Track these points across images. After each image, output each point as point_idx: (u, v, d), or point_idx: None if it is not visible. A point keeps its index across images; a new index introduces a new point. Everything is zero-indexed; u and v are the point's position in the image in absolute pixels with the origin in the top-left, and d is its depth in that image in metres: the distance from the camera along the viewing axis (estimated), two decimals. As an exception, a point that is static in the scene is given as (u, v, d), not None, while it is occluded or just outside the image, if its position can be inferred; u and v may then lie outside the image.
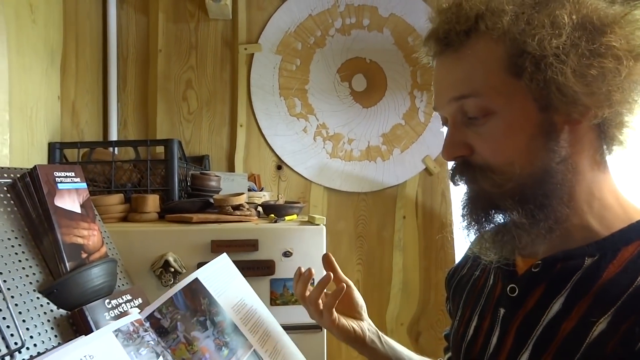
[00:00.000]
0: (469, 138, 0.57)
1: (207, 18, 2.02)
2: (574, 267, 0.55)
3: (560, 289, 0.55)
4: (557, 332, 0.53)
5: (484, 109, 0.55)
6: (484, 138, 0.56)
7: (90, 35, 1.79)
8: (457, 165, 0.60)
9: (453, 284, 0.78)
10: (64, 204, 0.89)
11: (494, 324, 0.61)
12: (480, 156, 0.57)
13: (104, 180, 1.37)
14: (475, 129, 0.57)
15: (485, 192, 0.57)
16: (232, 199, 1.25)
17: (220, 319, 0.75)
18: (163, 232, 1.14)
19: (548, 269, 0.57)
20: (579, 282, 0.54)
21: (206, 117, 2.03)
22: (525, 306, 0.58)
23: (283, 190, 2.05)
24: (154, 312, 0.71)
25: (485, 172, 0.56)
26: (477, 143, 0.57)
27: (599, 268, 0.53)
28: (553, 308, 0.55)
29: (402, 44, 2.10)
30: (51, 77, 1.42)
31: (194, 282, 0.77)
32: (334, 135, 2.07)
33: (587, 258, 0.55)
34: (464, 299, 0.71)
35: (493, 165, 0.56)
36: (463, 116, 0.57)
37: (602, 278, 0.52)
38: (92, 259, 0.91)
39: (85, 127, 1.73)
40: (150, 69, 2.00)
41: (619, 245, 0.54)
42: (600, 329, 0.49)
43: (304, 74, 2.06)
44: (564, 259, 0.56)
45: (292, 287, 1.14)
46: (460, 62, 0.57)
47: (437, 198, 2.14)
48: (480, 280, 0.70)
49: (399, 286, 2.10)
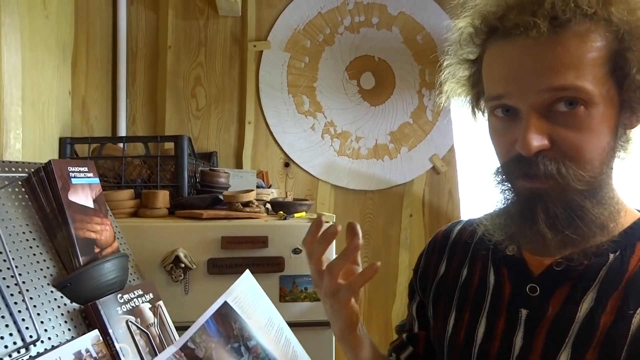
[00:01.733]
0: (550, 130, 0.53)
1: (216, 15, 2.02)
2: (599, 264, 0.56)
3: (589, 285, 0.56)
4: (597, 328, 0.53)
5: (579, 102, 0.52)
6: (570, 131, 0.53)
7: (100, 31, 1.79)
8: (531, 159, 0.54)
9: (431, 286, 0.73)
10: (77, 198, 0.90)
11: (515, 326, 0.59)
12: (560, 150, 0.53)
13: (114, 176, 1.38)
14: (561, 121, 0.53)
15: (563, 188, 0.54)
16: (241, 196, 1.25)
17: (253, 344, 0.74)
18: (173, 228, 1.14)
19: (573, 267, 0.57)
20: (607, 277, 0.55)
21: (214, 114, 2.03)
22: (552, 305, 0.57)
23: (290, 187, 2.06)
24: (187, 343, 0.68)
25: (569, 167, 0.53)
26: (561, 136, 0.53)
27: (622, 263, 0.55)
28: (584, 304, 0.55)
29: (410, 43, 2.09)
30: (62, 73, 1.43)
31: (224, 307, 0.75)
32: (341, 133, 2.08)
33: (610, 254, 0.56)
34: (457, 301, 0.68)
35: (575, 159, 0.53)
36: (550, 106, 0.53)
37: (628, 272, 0.55)
38: (104, 253, 0.91)
39: (95, 123, 1.73)
40: (160, 65, 2.00)
41: (634, 241, 0.57)
42: (639, 320, 0.52)
43: (313, 72, 2.06)
44: (589, 256, 0.56)
45: (301, 284, 1.15)
46: (564, 47, 0.51)
47: (444, 197, 2.14)
48: (473, 280, 0.67)
49: (404, 284, 2.10)
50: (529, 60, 0.53)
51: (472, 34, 0.61)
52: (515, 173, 0.56)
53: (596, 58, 0.52)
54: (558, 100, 0.52)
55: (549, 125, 0.53)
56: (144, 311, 0.91)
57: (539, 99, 0.53)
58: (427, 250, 0.79)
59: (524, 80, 0.53)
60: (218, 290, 1.13)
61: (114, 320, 0.83)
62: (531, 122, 0.53)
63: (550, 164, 0.53)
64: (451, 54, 0.66)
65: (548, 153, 0.53)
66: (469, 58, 0.64)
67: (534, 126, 0.53)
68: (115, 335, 0.81)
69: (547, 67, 0.52)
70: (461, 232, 0.75)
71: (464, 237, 0.74)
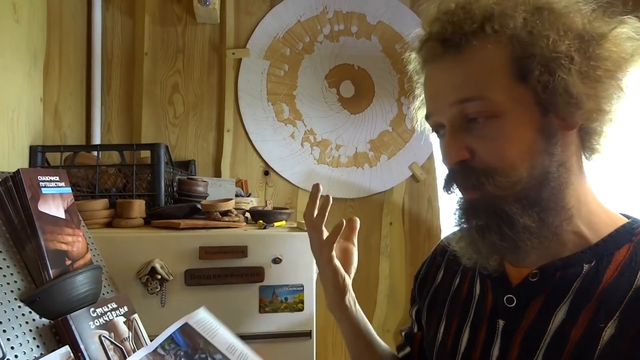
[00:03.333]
0: (469, 142, 0.56)
1: (194, 22, 2.00)
2: (574, 275, 0.55)
3: (563, 296, 0.55)
4: (567, 340, 0.53)
5: (488, 112, 0.54)
6: (487, 141, 0.55)
7: (74, 36, 1.75)
8: (458, 171, 0.58)
9: (427, 293, 0.76)
10: (48, 209, 0.87)
11: (493, 336, 0.60)
12: (481, 160, 0.56)
13: (87, 185, 1.33)
14: (478, 132, 0.55)
15: (490, 196, 0.55)
16: (220, 205, 1.23)
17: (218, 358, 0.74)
18: (149, 238, 1.11)
19: (547, 278, 0.57)
20: (580, 288, 0.54)
21: (192, 122, 2.00)
22: (527, 317, 0.57)
23: (270, 196, 2.04)
24: (157, 349, 0.71)
25: (490, 176, 0.55)
26: (479, 146, 0.56)
27: (597, 274, 0.54)
28: (557, 316, 0.54)
29: (389, 52, 2.11)
30: (34, 79, 1.38)
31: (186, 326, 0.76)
32: (321, 141, 2.07)
33: (585, 265, 0.55)
34: (447, 310, 0.69)
35: (496, 168, 0.55)
36: (462, 120, 0.56)
37: (602, 283, 0.53)
38: (76, 265, 0.88)
39: (68, 131, 1.69)
40: (136, 72, 1.97)
41: (612, 250, 0.55)
42: (609, 334, 0.50)
43: (292, 80, 2.05)
44: (562, 266, 0.56)
45: (281, 294, 1.13)
46: (464, 64, 0.56)
47: (424, 205, 2.15)
48: (462, 290, 0.68)
49: (385, 292, 2.10)
50: (441, 79, 0.58)
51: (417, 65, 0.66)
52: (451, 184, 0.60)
53: (496, 68, 0.54)
54: (470, 114, 0.55)
55: (467, 137, 0.56)
56: (118, 325, 0.88)
57: (451, 114, 0.57)
58: (429, 258, 0.81)
59: (439, 97, 0.59)
60: (196, 302, 1.11)
61: (86, 335, 0.79)
62: (449, 136, 0.57)
63: (472, 174, 0.56)
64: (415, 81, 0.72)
65: (470, 163, 0.56)
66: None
67: (451, 140, 0.57)
68: (88, 351, 0.77)
69: (451, 83, 0.57)
70: None
71: None
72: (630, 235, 0.57)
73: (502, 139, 0.54)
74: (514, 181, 0.54)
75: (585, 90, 0.52)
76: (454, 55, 0.56)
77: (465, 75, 0.56)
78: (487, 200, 0.56)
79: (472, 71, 0.55)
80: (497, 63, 0.54)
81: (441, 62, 0.58)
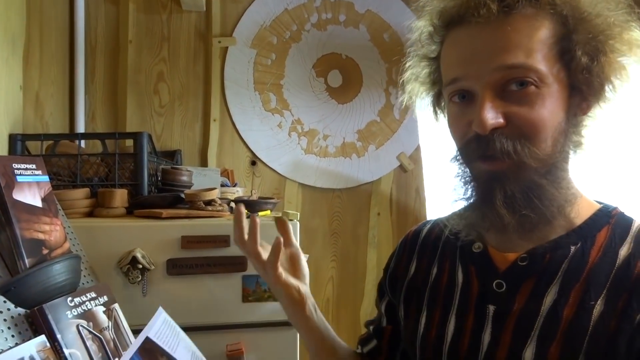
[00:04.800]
0: (505, 108, 0.55)
1: (179, 9, 1.97)
2: (562, 256, 0.57)
3: (552, 278, 0.56)
4: (560, 320, 0.54)
5: (532, 81, 0.54)
6: (524, 108, 0.54)
7: (56, 23, 1.71)
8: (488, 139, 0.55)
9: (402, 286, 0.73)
10: (23, 197, 0.85)
11: (483, 322, 0.60)
12: (516, 127, 0.55)
13: (68, 174, 1.31)
14: (516, 100, 0.54)
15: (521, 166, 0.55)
16: (203, 194, 1.21)
17: None
18: (130, 228, 1.10)
19: (536, 261, 0.58)
20: (569, 270, 0.56)
21: (178, 111, 1.98)
22: (518, 300, 0.58)
23: (257, 186, 2.03)
24: None
25: (525, 144, 0.54)
26: (516, 113, 0.54)
27: (583, 254, 0.56)
28: (548, 297, 0.56)
29: (378, 41, 2.09)
30: (12, 66, 1.35)
31: (147, 342, 0.73)
32: (309, 131, 2.06)
33: (572, 246, 0.57)
34: (427, 300, 0.68)
35: (530, 137, 0.54)
36: (502, 86, 0.55)
37: (589, 263, 0.56)
38: (53, 255, 0.87)
39: (50, 119, 1.66)
40: (120, 61, 1.93)
41: (594, 232, 0.58)
42: (599, 310, 0.53)
43: (280, 69, 2.03)
44: (551, 249, 0.57)
45: (264, 284, 1.12)
46: (514, 29, 0.54)
47: (412, 195, 2.15)
48: (442, 278, 0.67)
49: (372, 283, 2.10)
50: (481, 42, 0.56)
51: (432, 32, 0.63)
52: (472, 155, 0.58)
53: (544, 39, 0.54)
54: (511, 80, 0.54)
55: (503, 104, 0.55)
56: (97, 315, 0.87)
57: (492, 79, 0.55)
58: (397, 251, 0.79)
59: (477, 61, 0.56)
60: (177, 291, 1.10)
61: (63, 324, 0.78)
62: (486, 101, 0.55)
63: (507, 141, 0.54)
64: (412, 54, 0.69)
65: (504, 131, 0.55)
66: (430, 56, 0.66)
67: (489, 104, 0.54)
68: (64, 340, 0.76)
69: (498, 47, 0.54)
70: (430, 231, 0.76)
71: (432, 236, 0.74)
72: (608, 217, 0.59)
73: (539, 109, 0.54)
74: (544, 153, 0.55)
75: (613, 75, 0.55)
76: (502, 17, 0.54)
77: (516, 40, 0.54)
78: (516, 171, 0.55)
79: (523, 38, 0.54)
80: (548, 34, 0.54)
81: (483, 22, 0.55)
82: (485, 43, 0.55)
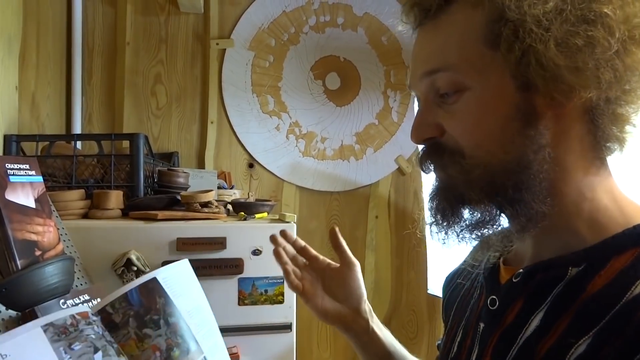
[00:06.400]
0: (440, 118, 0.50)
1: (177, 11, 1.96)
2: (556, 278, 0.47)
3: (540, 303, 0.47)
4: (533, 354, 0.46)
5: (456, 84, 0.48)
6: (455, 117, 0.49)
7: (53, 25, 1.71)
8: (427, 149, 0.53)
9: (448, 292, 0.70)
10: (16, 197, 0.84)
11: (474, 341, 0.55)
12: (451, 138, 0.50)
13: (64, 176, 1.30)
14: (447, 107, 0.50)
15: (452, 179, 0.50)
16: (200, 196, 1.20)
17: (174, 321, 0.73)
18: (125, 229, 1.09)
19: (528, 280, 0.50)
20: (560, 295, 0.46)
21: (176, 113, 1.97)
22: (504, 321, 0.50)
23: (255, 189, 2.02)
24: (105, 307, 0.69)
25: (455, 156, 0.49)
26: (448, 123, 0.50)
27: (583, 280, 0.45)
28: (532, 324, 0.47)
29: (376, 44, 2.09)
30: (8, 66, 1.34)
31: (152, 281, 0.74)
32: (307, 134, 2.05)
33: (571, 268, 0.46)
34: (454, 311, 0.65)
35: (463, 147, 0.49)
36: (435, 94, 0.51)
37: (586, 292, 0.44)
38: (46, 256, 0.85)
39: (47, 121, 1.65)
40: (118, 62, 1.93)
41: (609, 254, 0.45)
42: (577, 353, 0.42)
43: (277, 71, 2.03)
44: (544, 268, 0.49)
45: (261, 287, 1.11)
46: (436, 32, 0.50)
47: (410, 198, 2.14)
48: (469, 291, 0.63)
49: (370, 286, 2.09)
50: (416, 50, 0.53)
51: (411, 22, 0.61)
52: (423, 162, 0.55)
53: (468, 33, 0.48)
54: (439, 88, 0.50)
55: (440, 112, 0.51)
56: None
57: (422, 87, 0.52)
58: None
59: (413, 69, 0.54)
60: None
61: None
62: (420, 111, 0.53)
63: (441, 152, 0.51)
64: None
65: (440, 141, 0.51)
66: None
67: (422, 114, 0.52)
68: (56, 343, 0.75)
69: (423, 54, 0.52)
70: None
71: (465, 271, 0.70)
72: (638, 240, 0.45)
73: (470, 115, 0.48)
74: (476, 163, 0.48)
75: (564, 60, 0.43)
76: (430, 23, 0.51)
77: (436, 43, 0.50)
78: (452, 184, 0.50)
79: (443, 39, 0.49)
80: (468, 29, 0.48)
81: (420, 31, 0.53)
82: (417, 50, 0.53)
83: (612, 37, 0.43)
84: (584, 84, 0.44)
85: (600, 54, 0.43)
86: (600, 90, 0.44)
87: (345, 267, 0.79)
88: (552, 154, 0.47)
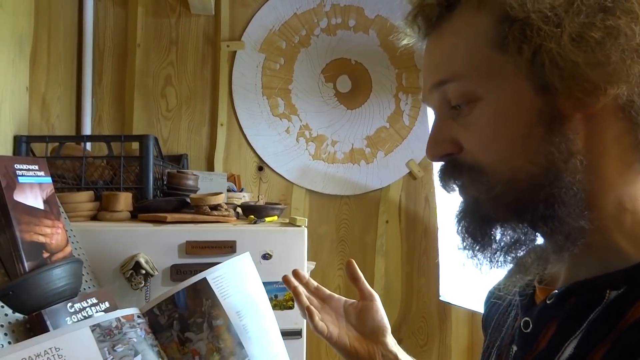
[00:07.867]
0: (455, 132, 0.46)
1: (188, 13, 1.96)
2: (592, 302, 0.42)
3: (575, 329, 0.43)
4: None
5: (467, 94, 0.44)
6: (470, 130, 0.45)
7: (64, 26, 1.71)
8: (445, 167, 0.49)
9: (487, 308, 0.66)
10: (24, 199, 0.83)
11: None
12: (469, 154, 0.46)
13: (73, 177, 1.29)
14: (462, 120, 0.46)
15: (475, 199, 0.46)
16: (209, 199, 1.19)
17: (219, 323, 0.74)
18: (134, 232, 1.07)
19: (562, 303, 0.45)
20: (596, 322, 0.41)
21: (185, 115, 1.96)
22: (536, 347, 0.46)
23: (264, 191, 2.00)
24: (153, 308, 0.72)
25: (474, 174, 0.45)
26: (464, 137, 0.46)
27: (622, 305, 0.40)
28: (566, 352, 0.43)
29: (387, 46, 2.07)
30: (19, 67, 1.34)
31: (201, 282, 0.75)
32: (317, 137, 2.03)
33: (609, 291, 0.41)
34: (491, 330, 0.61)
35: (483, 163, 0.45)
36: (447, 107, 0.47)
37: (625, 319, 0.39)
38: (54, 259, 0.84)
39: (57, 122, 1.64)
40: (128, 64, 1.92)
41: None
42: None
43: (288, 74, 2.01)
44: (577, 290, 0.44)
45: (270, 292, 1.09)
46: (441, 41, 0.47)
47: (421, 203, 2.11)
48: (507, 309, 0.60)
49: (380, 292, 2.05)
50: (425, 61, 0.50)
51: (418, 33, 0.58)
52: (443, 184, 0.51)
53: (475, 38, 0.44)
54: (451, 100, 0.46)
55: (455, 126, 0.47)
56: (97, 321, 0.84)
57: (434, 100, 0.48)
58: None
59: (424, 82, 0.50)
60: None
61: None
62: (434, 126, 0.49)
63: (457, 173, 0.47)
64: None
65: (456, 159, 0.47)
66: None
67: (436, 130, 0.48)
68: (63, 348, 0.73)
69: (431, 65, 0.48)
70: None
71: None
72: None
73: (486, 127, 0.44)
74: (499, 179, 0.44)
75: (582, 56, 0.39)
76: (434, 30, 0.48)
77: (442, 53, 0.46)
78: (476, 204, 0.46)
79: (448, 47, 0.46)
80: (474, 34, 0.44)
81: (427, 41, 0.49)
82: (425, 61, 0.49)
83: (637, 24, 0.39)
84: (610, 80, 0.39)
85: (624, 44, 0.39)
86: (630, 84, 0.40)
87: (365, 300, 0.78)
88: (585, 161, 0.42)
